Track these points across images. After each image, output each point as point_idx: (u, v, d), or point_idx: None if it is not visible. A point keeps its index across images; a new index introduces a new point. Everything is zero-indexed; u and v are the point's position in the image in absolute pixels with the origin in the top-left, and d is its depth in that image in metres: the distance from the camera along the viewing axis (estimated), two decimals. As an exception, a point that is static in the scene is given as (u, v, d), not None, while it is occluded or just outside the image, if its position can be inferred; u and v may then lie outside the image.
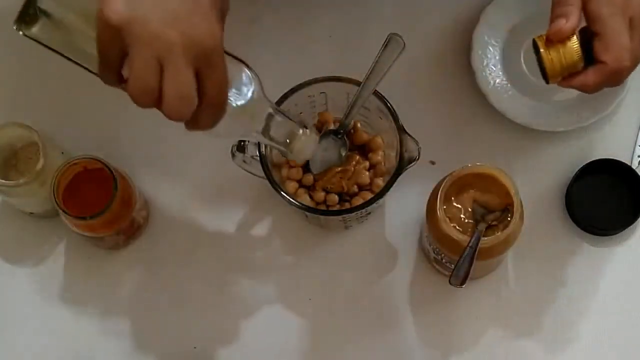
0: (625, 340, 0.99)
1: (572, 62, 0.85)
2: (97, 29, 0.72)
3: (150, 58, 0.71)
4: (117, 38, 0.72)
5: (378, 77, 0.89)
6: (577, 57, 0.85)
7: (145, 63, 0.71)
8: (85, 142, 1.04)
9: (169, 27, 0.71)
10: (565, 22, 0.84)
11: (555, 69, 0.86)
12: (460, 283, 0.88)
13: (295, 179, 0.97)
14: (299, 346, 1.00)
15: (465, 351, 0.99)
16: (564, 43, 0.85)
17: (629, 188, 1.00)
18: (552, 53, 0.85)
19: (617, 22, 0.84)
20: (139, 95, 0.73)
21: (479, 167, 0.89)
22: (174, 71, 0.72)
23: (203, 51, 0.72)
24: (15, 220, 1.03)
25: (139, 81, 0.72)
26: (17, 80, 1.08)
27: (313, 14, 1.07)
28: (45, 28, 0.77)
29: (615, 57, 0.84)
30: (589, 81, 0.86)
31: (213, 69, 0.74)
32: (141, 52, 0.71)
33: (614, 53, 0.84)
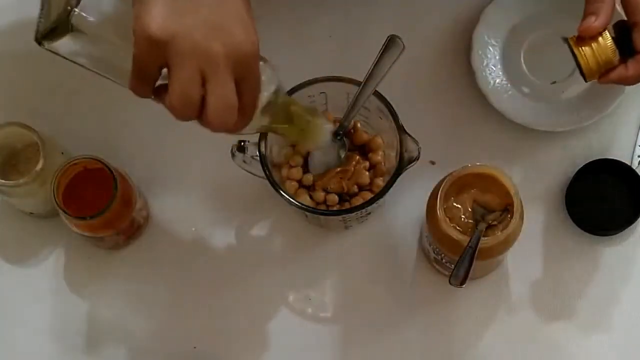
0: (625, 340, 0.99)
1: (607, 59, 0.85)
2: (136, 44, 0.72)
3: (194, 71, 0.72)
4: (159, 52, 0.72)
5: (377, 78, 0.89)
6: (611, 53, 0.85)
7: (190, 76, 0.72)
8: (85, 142, 1.04)
9: (212, 39, 0.72)
10: (595, 19, 0.85)
11: (592, 67, 0.86)
12: (460, 283, 0.88)
13: (295, 179, 0.97)
14: (299, 346, 1.00)
15: (465, 351, 0.99)
16: (596, 40, 0.85)
17: (629, 188, 1.00)
18: (585, 51, 0.86)
19: None
20: (182, 108, 0.73)
21: (479, 167, 0.89)
22: (219, 83, 0.72)
23: (244, 60, 0.73)
24: (15, 220, 1.03)
25: (183, 94, 0.72)
26: (17, 80, 1.08)
27: (313, 14, 1.07)
28: (71, 42, 0.76)
29: None
30: (628, 73, 0.86)
31: (251, 76, 0.75)
32: (185, 66, 0.72)
33: None
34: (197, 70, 0.72)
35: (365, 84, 0.90)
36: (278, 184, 0.92)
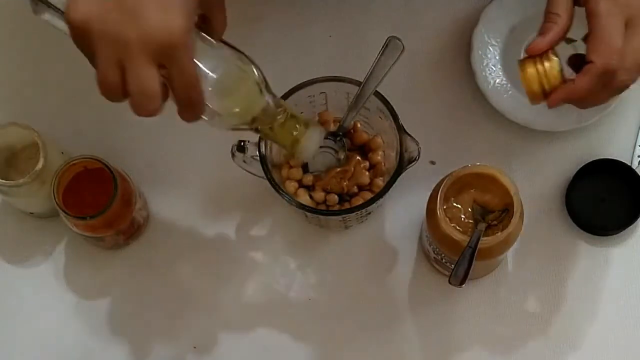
0: (625, 340, 0.99)
1: (552, 81, 0.81)
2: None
3: (111, 56, 0.72)
4: (82, 38, 0.72)
5: (377, 80, 0.89)
6: (556, 74, 0.81)
7: (107, 61, 0.72)
8: (85, 142, 1.04)
9: (126, 24, 0.71)
10: (543, 37, 0.82)
11: (534, 90, 0.82)
12: (459, 283, 0.88)
13: (295, 179, 0.97)
14: (299, 346, 1.00)
15: (465, 351, 0.99)
16: (542, 61, 0.82)
17: (629, 188, 1.00)
18: (529, 73, 0.82)
19: (612, 20, 0.80)
20: (105, 92, 0.74)
21: (479, 167, 0.89)
22: (132, 69, 0.72)
23: (160, 47, 0.71)
24: (15, 220, 1.03)
25: (103, 79, 0.73)
26: (17, 80, 1.08)
27: (313, 14, 1.07)
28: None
29: (602, 54, 0.80)
30: (578, 87, 0.81)
31: (176, 64, 0.73)
32: (102, 51, 0.72)
33: (601, 51, 0.80)
34: (113, 56, 0.72)
35: (364, 85, 0.90)
36: (278, 184, 0.92)
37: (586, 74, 0.81)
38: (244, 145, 0.93)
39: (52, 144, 0.98)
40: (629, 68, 0.81)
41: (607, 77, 0.81)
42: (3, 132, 0.97)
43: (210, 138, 0.83)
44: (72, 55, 1.09)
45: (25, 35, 1.09)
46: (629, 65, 0.81)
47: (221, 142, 0.92)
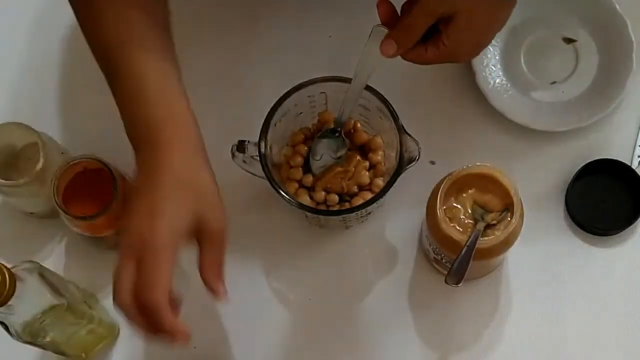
0: (625, 340, 0.99)
1: None
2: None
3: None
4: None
5: (366, 70, 0.89)
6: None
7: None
8: (85, 142, 1.04)
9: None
10: (395, 49, 0.85)
11: None
12: (456, 282, 0.88)
13: (295, 179, 0.97)
14: (299, 346, 1.00)
15: (465, 351, 0.99)
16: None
17: (629, 188, 1.00)
18: None
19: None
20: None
21: (479, 167, 0.89)
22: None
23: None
24: (15, 220, 1.03)
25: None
26: (17, 80, 1.08)
27: (313, 14, 1.07)
28: None
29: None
30: (427, 56, 0.86)
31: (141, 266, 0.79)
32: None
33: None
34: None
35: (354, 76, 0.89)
36: (278, 184, 0.92)
37: (437, 48, 0.85)
38: (244, 145, 0.93)
39: (52, 144, 0.98)
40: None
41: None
42: (3, 132, 0.97)
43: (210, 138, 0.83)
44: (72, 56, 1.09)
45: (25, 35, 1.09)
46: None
47: (221, 142, 0.92)
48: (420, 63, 0.87)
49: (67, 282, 0.93)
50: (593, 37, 1.04)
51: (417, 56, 0.86)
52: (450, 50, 0.84)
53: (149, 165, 0.81)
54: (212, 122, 0.89)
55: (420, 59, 0.86)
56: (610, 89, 1.02)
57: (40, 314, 0.86)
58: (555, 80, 1.04)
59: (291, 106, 0.94)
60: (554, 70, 1.04)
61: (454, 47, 0.84)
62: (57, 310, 0.87)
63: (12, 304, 0.82)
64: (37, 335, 0.87)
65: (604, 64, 1.04)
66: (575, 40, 1.05)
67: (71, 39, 1.09)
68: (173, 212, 0.79)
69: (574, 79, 1.04)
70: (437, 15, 0.83)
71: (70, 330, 0.92)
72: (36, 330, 0.87)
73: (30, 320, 0.85)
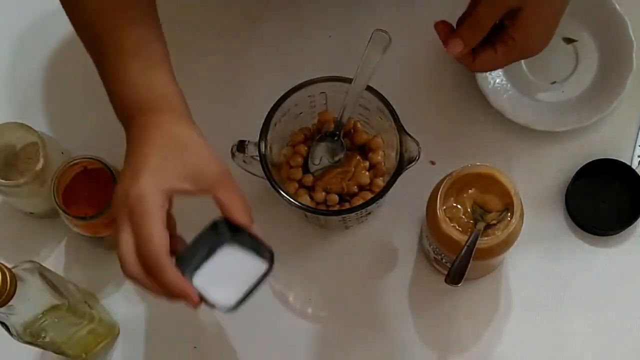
0: (625, 340, 0.99)
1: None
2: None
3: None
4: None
5: (366, 74, 0.89)
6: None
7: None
8: (85, 142, 1.04)
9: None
10: (462, 46, 0.86)
11: None
12: (455, 282, 0.88)
13: (295, 179, 0.97)
14: (299, 346, 1.00)
15: (465, 351, 0.99)
16: None
17: (629, 188, 1.00)
18: None
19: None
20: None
21: (479, 167, 0.89)
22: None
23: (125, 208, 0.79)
24: (15, 220, 1.03)
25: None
26: (17, 80, 1.08)
27: (313, 14, 1.07)
28: None
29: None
30: (498, 58, 0.87)
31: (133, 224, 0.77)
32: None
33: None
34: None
35: (355, 80, 0.90)
36: (278, 184, 0.92)
37: (507, 45, 0.86)
38: (244, 145, 0.93)
39: (52, 144, 0.98)
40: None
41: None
42: (3, 132, 0.97)
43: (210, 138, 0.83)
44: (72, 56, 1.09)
45: (25, 35, 1.09)
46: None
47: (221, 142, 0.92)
48: (491, 68, 0.88)
49: (67, 282, 0.93)
50: (593, 37, 1.04)
51: (489, 58, 0.87)
52: (520, 44, 0.85)
53: (136, 133, 0.80)
54: (212, 122, 0.89)
55: (491, 62, 0.87)
56: (610, 89, 1.02)
57: (41, 314, 0.86)
58: (555, 80, 1.04)
59: (291, 106, 0.94)
60: (554, 70, 1.04)
61: (524, 40, 0.85)
62: (58, 310, 0.87)
63: (13, 304, 0.82)
64: (37, 336, 0.87)
65: (604, 64, 1.04)
66: (575, 40, 1.05)
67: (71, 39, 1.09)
68: (157, 165, 0.77)
69: (574, 79, 1.04)
70: (504, 9, 0.83)
71: (70, 330, 0.92)
72: (36, 330, 0.87)
73: (30, 320, 0.85)
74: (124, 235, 0.77)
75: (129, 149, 0.81)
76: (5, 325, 0.86)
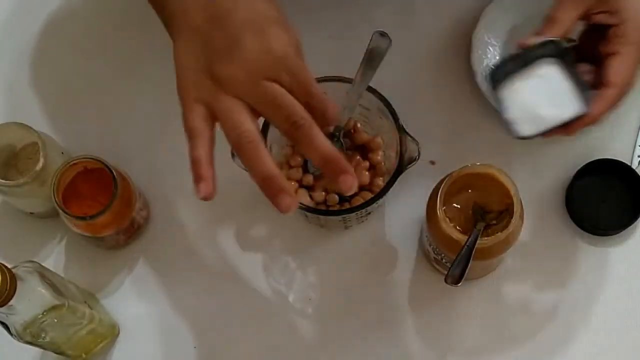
0: (625, 341, 0.99)
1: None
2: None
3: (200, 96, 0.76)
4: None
5: (367, 76, 0.89)
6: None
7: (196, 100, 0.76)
8: (85, 142, 1.04)
9: (226, 64, 0.75)
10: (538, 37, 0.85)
11: None
12: (455, 282, 0.88)
13: (295, 179, 0.97)
14: (299, 346, 1.00)
15: (465, 351, 0.99)
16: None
17: (629, 188, 1.00)
18: None
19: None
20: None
21: (479, 167, 0.89)
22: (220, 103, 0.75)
23: (267, 67, 0.75)
24: (15, 220, 1.03)
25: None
26: (17, 80, 1.08)
27: (313, 14, 1.07)
28: None
29: (622, 77, 0.86)
30: (596, 113, 0.86)
31: (287, 73, 0.75)
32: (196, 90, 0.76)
33: (623, 74, 0.86)
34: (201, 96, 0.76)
35: (355, 82, 0.90)
36: (278, 184, 0.92)
37: (604, 99, 0.85)
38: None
39: (52, 144, 0.98)
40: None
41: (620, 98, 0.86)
42: (3, 132, 0.97)
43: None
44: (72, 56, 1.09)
45: (25, 35, 1.09)
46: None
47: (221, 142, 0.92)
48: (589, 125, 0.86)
49: (67, 282, 0.93)
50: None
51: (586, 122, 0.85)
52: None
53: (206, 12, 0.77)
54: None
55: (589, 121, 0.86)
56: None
57: (41, 314, 0.86)
58: (555, 80, 1.04)
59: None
60: (554, 70, 1.04)
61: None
62: (58, 310, 0.87)
63: (13, 304, 0.82)
64: (37, 336, 0.87)
65: (604, 64, 1.04)
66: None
67: (73, 39, 1.09)
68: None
69: (574, 79, 1.04)
70: (585, 5, 0.83)
71: (70, 330, 0.92)
72: (36, 330, 0.87)
73: (30, 320, 0.85)
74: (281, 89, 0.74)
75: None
76: (5, 325, 0.86)
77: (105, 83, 1.07)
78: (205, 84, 0.75)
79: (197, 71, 0.75)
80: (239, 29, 0.75)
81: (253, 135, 0.74)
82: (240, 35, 0.74)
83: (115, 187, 0.93)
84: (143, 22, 1.08)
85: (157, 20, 0.90)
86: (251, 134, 0.74)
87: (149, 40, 1.06)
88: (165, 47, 0.88)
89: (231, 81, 0.74)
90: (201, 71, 0.75)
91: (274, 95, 0.74)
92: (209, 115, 0.75)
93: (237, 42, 0.74)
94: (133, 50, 1.07)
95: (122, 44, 1.08)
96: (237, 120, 0.74)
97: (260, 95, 0.74)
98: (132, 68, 1.07)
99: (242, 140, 0.74)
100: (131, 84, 1.07)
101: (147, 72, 1.06)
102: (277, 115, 0.74)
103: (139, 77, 1.06)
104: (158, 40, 0.85)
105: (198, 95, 0.75)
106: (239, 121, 0.74)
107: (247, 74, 0.74)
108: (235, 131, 0.74)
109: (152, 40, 1.06)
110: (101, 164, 0.94)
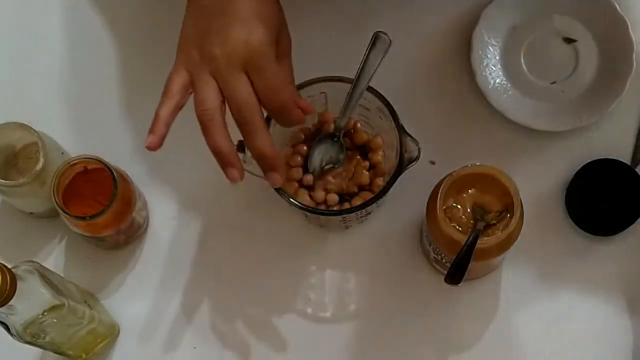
0: (625, 340, 0.99)
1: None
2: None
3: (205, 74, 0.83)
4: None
5: (367, 76, 0.89)
6: None
7: (202, 79, 0.83)
8: (85, 142, 1.04)
9: (214, 45, 0.83)
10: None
11: None
12: (455, 282, 0.88)
13: (295, 179, 0.97)
14: (299, 346, 1.00)
15: (465, 351, 0.99)
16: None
17: (629, 188, 1.00)
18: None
19: None
20: (201, 112, 0.84)
21: (479, 167, 0.89)
22: (225, 79, 0.83)
23: (244, 58, 0.82)
24: (15, 220, 1.03)
25: (200, 97, 0.83)
26: (17, 80, 1.08)
27: (313, 14, 1.07)
28: None
29: None
30: None
31: (258, 72, 0.82)
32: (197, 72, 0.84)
33: None
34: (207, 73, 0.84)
35: (355, 82, 0.90)
36: (278, 184, 0.92)
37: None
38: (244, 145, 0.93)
39: (52, 144, 0.98)
40: None
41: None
42: (3, 132, 0.97)
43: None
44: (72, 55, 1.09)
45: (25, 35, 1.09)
46: None
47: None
48: None
49: (67, 282, 0.93)
50: (593, 37, 1.04)
51: None
52: None
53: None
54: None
55: None
56: (610, 89, 1.02)
57: (41, 314, 0.86)
58: (555, 80, 1.04)
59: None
60: (554, 70, 1.04)
61: None
62: (58, 310, 0.87)
63: (13, 304, 0.82)
64: (37, 336, 0.87)
65: (604, 64, 1.04)
66: (575, 40, 1.05)
67: (72, 38, 1.09)
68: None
69: (574, 79, 1.04)
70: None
71: (70, 330, 0.92)
72: (36, 330, 0.87)
73: (30, 320, 0.85)
74: (241, 77, 0.82)
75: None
76: (5, 325, 0.86)
77: (105, 84, 1.07)
78: (194, 55, 0.84)
79: (192, 43, 0.84)
80: (234, 18, 0.83)
81: (213, 113, 0.82)
82: (233, 24, 0.83)
83: (115, 187, 0.93)
84: (143, 22, 1.08)
85: (157, 20, 0.90)
86: (212, 111, 0.82)
87: (149, 40, 1.06)
88: (165, 48, 0.88)
89: (212, 62, 0.82)
90: (194, 44, 0.84)
91: (235, 88, 0.82)
92: (188, 83, 0.84)
93: (227, 29, 0.83)
94: (133, 50, 1.07)
95: (122, 44, 1.08)
96: (207, 96, 0.83)
97: (228, 82, 0.82)
98: (132, 68, 1.07)
99: (203, 115, 0.83)
100: (131, 84, 1.06)
101: (147, 72, 1.05)
102: (232, 104, 0.83)
103: (139, 77, 1.06)
104: (158, 41, 0.86)
105: (187, 63, 0.84)
106: (208, 98, 0.82)
107: (226, 60, 0.82)
108: (201, 106, 0.83)
109: (152, 40, 1.06)
110: (101, 164, 0.94)
